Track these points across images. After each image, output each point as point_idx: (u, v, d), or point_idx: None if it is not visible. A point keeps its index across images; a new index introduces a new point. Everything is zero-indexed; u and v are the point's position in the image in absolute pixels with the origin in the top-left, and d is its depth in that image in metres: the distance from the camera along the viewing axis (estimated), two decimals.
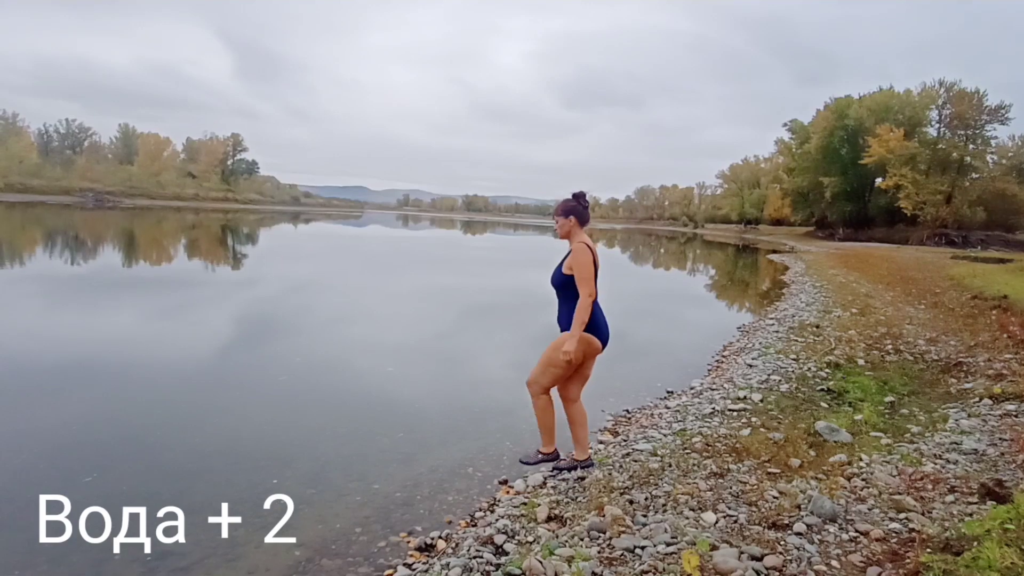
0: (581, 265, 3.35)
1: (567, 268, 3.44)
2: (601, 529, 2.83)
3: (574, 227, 3.54)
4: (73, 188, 65.54)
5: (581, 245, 3.41)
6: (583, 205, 3.55)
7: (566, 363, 3.39)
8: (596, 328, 3.50)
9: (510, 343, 8.37)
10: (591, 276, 3.37)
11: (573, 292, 3.39)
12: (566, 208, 3.54)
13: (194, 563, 2.88)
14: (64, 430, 4.37)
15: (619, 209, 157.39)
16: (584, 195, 3.59)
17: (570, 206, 3.54)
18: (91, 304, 9.86)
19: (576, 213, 3.53)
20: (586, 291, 3.33)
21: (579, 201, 3.55)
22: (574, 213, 3.53)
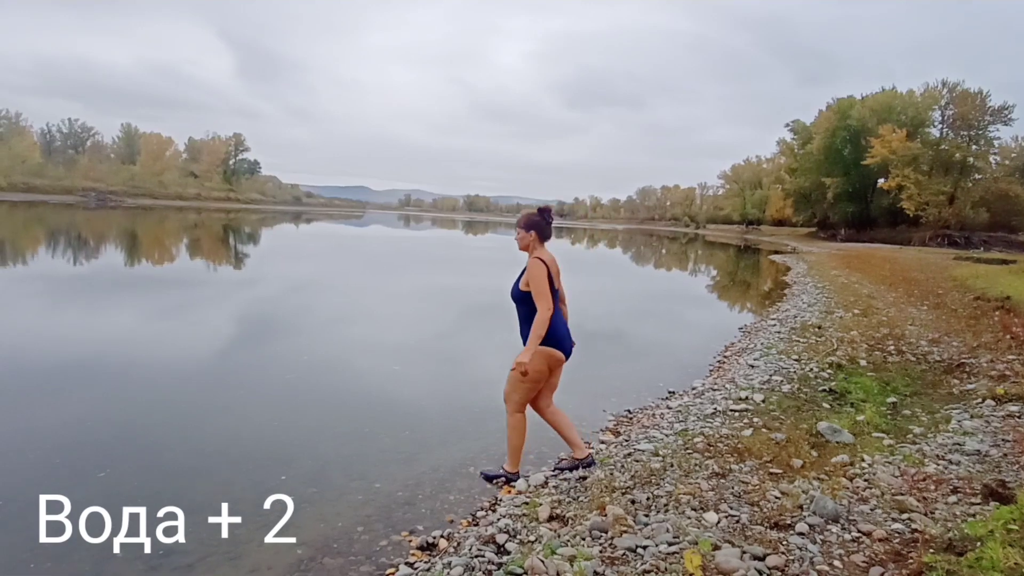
0: (536, 279, 3.38)
1: (524, 284, 3.47)
2: (603, 529, 2.82)
3: (534, 241, 3.57)
4: (76, 188, 65.72)
5: (534, 260, 3.44)
6: (547, 221, 3.59)
7: (522, 375, 3.38)
8: (557, 340, 3.54)
9: (509, 343, 8.36)
10: (547, 290, 3.37)
11: (532, 307, 3.41)
12: (528, 222, 3.57)
13: (196, 562, 2.88)
14: (64, 430, 4.37)
15: (620, 209, 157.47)
16: (550, 211, 3.62)
17: (533, 220, 3.58)
18: (93, 303, 9.88)
19: (538, 228, 3.56)
20: (544, 305, 3.34)
21: (543, 216, 3.59)
22: (535, 228, 3.56)
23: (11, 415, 4.58)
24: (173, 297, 10.91)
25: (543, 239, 3.59)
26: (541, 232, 3.58)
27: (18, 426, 4.35)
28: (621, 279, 20.79)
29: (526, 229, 3.58)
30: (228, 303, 10.51)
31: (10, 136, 70.89)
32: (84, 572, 2.77)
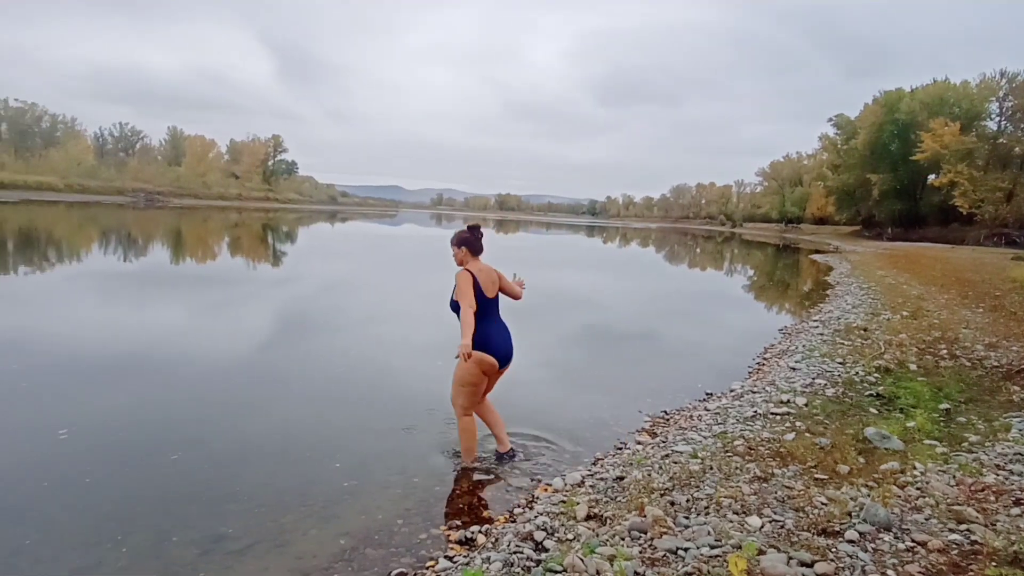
0: (459, 287, 3.75)
1: (456, 294, 3.81)
2: (642, 529, 2.79)
3: (466, 255, 3.95)
4: (126, 188, 68.46)
5: (460, 271, 3.84)
6: (475, 237, 3.94)
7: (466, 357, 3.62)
8: (491, 348, 3.87)
9: (541, 343, 8.35)
10: (469, 292, 3.73)
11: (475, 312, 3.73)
12: (459, 239, 3.94)
13: (246, 547, 2.97)
14: (114, 422, 4.56)
15: (654, 208, 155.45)
16: (479, 228, 4.01)
17: (463, 237, 3.94)
18: (147, 299, 10.27)
19: (468, 244, 3.93)
20: (466, 303, 3.68)
21: (473, 233, 3.95)
22: (466, 244, 3.93)
23: (70, 404, 4.81)
24: (218, 294, 11.26)
25: (474, 253, 3.95)
26: (471, 247, 3.94)
27: (73, 416, 4.56)
28: (654, 278, 20.53)
29: (458, 246, 3.96)
30: (269, 300, 10.79)
31: (66, 140, 74.39)
32: (146, 552, 2.89)
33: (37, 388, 5.13)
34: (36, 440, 4.09)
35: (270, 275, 14.92)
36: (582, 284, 16.49)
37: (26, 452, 3.93)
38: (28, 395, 4.96)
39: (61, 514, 3.20)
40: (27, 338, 6.80)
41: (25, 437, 4.16)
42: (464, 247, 3.95)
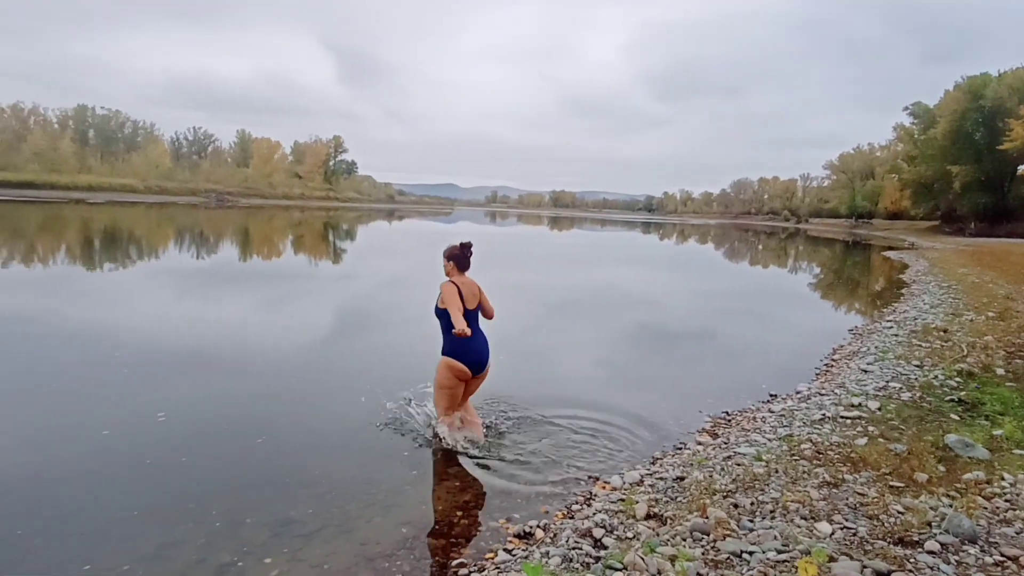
0: (445, 295, 4.07)
1: (440, 303, 4.10)
2: (704, 531, 2.74)
3: (452, 269, 4.27)
4: (199, 189, 72.58)
5: (447, 283, 4.15)
6: (464, 254, 4.27)
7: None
8: (465, 357, 4.12)
9: (597, 340, 8.29)
10: (457, 302, 4.03)
11: (448, 322, 3.98)
12: (450, 254, 4.28)
13: (313, 532, 3.11)
14: (203, 407, 4.86)
15: (713, 203, 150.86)
16: (470, 245, 4.32)
17: (453, 253, 4.27)
18: (227, 294, 10.86)
19: (456, 259, 4.26)
20: (454, 308, 3.95)
21: (463, 251, 4.27)
22: (454, 259, 4.27)
23: (168, 390, 5.16)
24: (288, 289, 11.76)
25: (460, 268, 4.28)
26: (458, 262, 4.27)
27: (175, 399, 4.89)
28: (712, 276, 19.97)
29: (447, 259, 4.30)
30: (334, 295, 11.19)
31: (146, 145, 79.51)
32: (222, 533, 3.07)
33: (137, 374, 5.62)
34: (140, 421, 4.47)
35: (333, 271, 15.45)
36: (638, 282, 16.25)
37: (132, 431, 4.30)
38: (130, 380, 5.45)
39: (155, 490, 3.45)
40: (124, 328, 7.38)
41: (131, 418, 4.53)
42: (452, 262, 4.28)
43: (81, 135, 73.99)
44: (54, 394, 5.00)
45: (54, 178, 59.17)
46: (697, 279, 18.42)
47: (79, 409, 4.72)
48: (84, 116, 76.07)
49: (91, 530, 3.05)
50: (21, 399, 4.88)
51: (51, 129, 69.67)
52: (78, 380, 5.41)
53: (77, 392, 5.11)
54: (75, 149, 69.09)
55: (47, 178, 58.46)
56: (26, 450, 3.95)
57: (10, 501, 3.28)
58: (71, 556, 2.82)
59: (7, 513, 3.16)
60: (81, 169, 66.42)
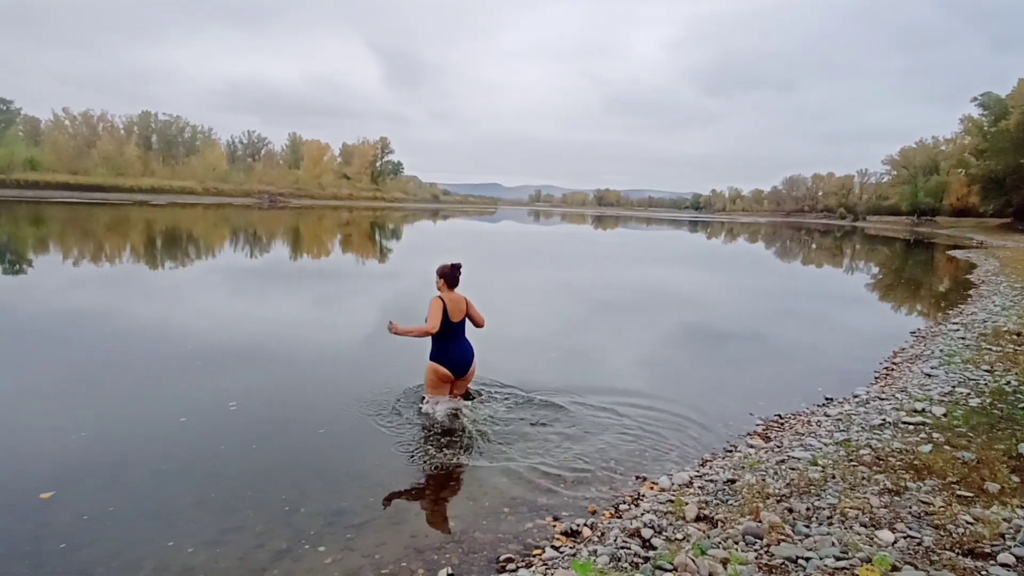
0: (431, 311, 4.61)
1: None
2: (757, 535, 2.68)
3: (443, 285, 4.79)
4: (253, 191, 75.38)
5: (434, 299, 4.67)
6: (454, 274, 4.79)
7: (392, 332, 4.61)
8: (442, 359, 4.72)
9: (644, 340, 8.18)
10: (436, 317, 4.59)
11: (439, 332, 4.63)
12: (441, 272, 4.79)
13: (364, 523, 3.20)
14: (272, 398, 5.06)
15: (764, 201, 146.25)
16: (459, 266, 4.81)
17: (444, 271, 4.78)
18: (286, 290, 11.26)
19: (446, 277, 4.78)
20: (430, 324, 4.59)
21: (453, 270, 4.78)
22: (444, 276, 4.79)
23: (237, 381, 5.41)
24: (341, 286, 12.10)
25: (450, 285, 4.80)
26: (448, 280, 4.79)
27: (244, 389, 5.12)
28: (763, 276, 19.38)
29: (439, 277, 4.81)
30: (382, 292, 11.43)
31: (204, 148, 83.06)
32: (277, 520, 3.19)
33: (209, 365, 5.95)
34: (214, 409, 4.74)
35: (382, 270, 15.78)
36: (684, 281, 15.94)
37: (207, 419, 4.55)
38: (203, 371, 5.78)
39: (219, 477, 3.62)
40: (193, 323, 7.80)
41: (205, 407, 4.80)
42: (443, 279, 4.81)
43: (145, 140, 77.90)
44: (137, 384, 5.35)
45: (120, 181, 62.67)
46: (746, 279, 17.92)
47: (160, 398, 5.02)
48: (148, 122, 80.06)
49: (161, 513, 3.23)
50: (106, 388, 5.22)
51: (118, 135, 73.62)
52: (157, 371, 5.73)
53: (158, 382, 5.42)
54: (139, 153, 72.85)
55: (114, 181, 61.97)
56: (110, 436, 4.22)
57: (91, 484, 3.51)
58: (140, 538, 2.99)
59: (85, 495, 3.38)
60: (145, 172, 70.03)
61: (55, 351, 6.29)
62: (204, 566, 2.79)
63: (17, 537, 2.97)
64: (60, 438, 4.10)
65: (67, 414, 4.58)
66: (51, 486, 3.44)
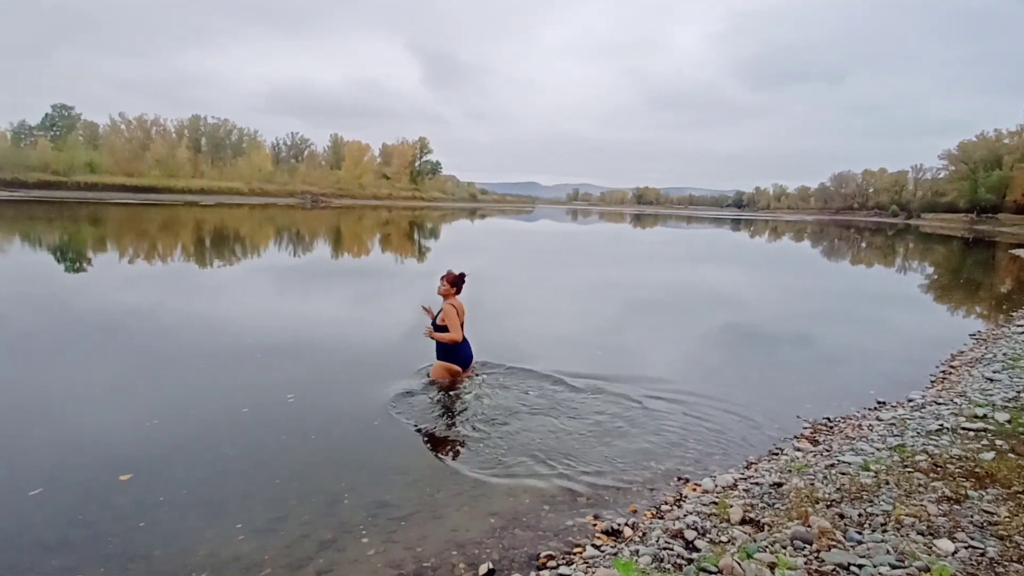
0: (450, 317, 5.25)
1: (441, 320, 5.30)
2: (807, 540, 2.60)
3: (450, 291, 5.41)
4: (296, 191, 77.45)
5: (449, 305, 5.32)
6: (461, 281, 5.48)
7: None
8: (460, 361, 5.37)
9: (686, 340, 8.03)
10: (457, 321, 5.28)
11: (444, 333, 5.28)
12: (451, 281, 5.43)
13: (406, 516, 3.25)
14: (328, 390, 5.19)
15: (810, 198, 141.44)
16: (464, 275, 5.50)
17: (454, 279, 5.45)
18: (335, 288, 11.55)
19: (456, 284, 5.45)
20: (454, 331, 5.26)
21: (460, 278, 5.48)
22: (454, 284, 5.44)
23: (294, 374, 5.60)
24: (381, 284, 12.31)
25: (457, 292, 5.46)
26: (457, 287, 5.46)
27: (301, 382, 5.29)
28: (809, 276, 18.78)
29: (449, 284, 5.42)
30: (420, 289, 11.57)
31: (250, 150, 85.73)
32: (322, 511, 3.27)
33: (267, 360, 6.19)
34: (273, 402, 4.93)
35: (422, 269, 15.97)
36: (727, 280, 15.59)
37: (266, 411, 4.74)
38: (263, 365, 6.01)
39: (270, 467, 3.74)
40: (250, 318, 8.12)
41: (265, 399, 4.99)
42: (453, 287, 5.42)
43: (195, 143, 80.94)
44: (203, 376, 5.61)
45: (172, 182, 65.39)
46: (792, 278, 17.41)
47: (225, 389, 5.27)
48: (197, 125, 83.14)
49: (215, 500, 3.35)
50: (175, 380, 5.47)
51: (170, 138, 76.77)
52: (222, 364, 6.00)
53: (222, 375, 5.68)
54: (190, 156, 75.82)
55: (166, 183, 64.71)
56: (180, 424, 4.42)
57: (161, 468, 3.68)
58: (195, 523, 3.12)
59: (155, 479, 3.54)
60: (194, 174, 72.87)
61: (130, 344, 6.63)
62: (252, 554, 2.88)
63: (100, 516, 3.15)
64: (136, 425, 4.35)
65: (142, 403, 4.83)
66: (130, 469, 3.65)
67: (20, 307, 8.50)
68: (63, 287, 10.51)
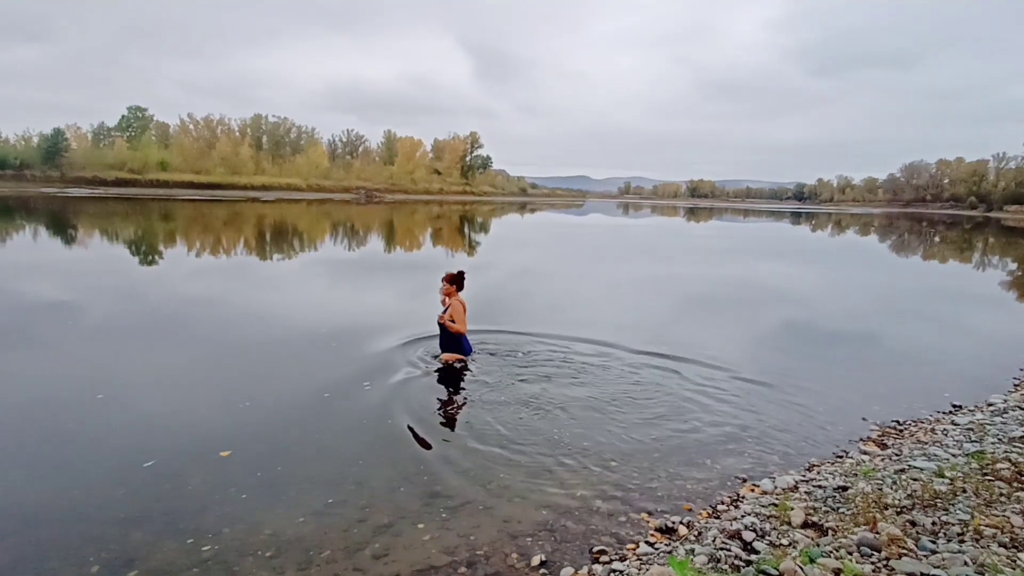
0: (458, 313, 5.77)
1: (447, 318, 5.75)
2: (874, 547, 2.49)
3: (452, 290, 5.85)
4: (351, 186, 79.55)
5: (456, 302, 5.81)
6: (461, 279, 5.92)
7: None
8: (458, 348, 5.87)
9: (744, 337, 7.78)
10: (462, 317, 5.81)
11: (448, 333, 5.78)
12: (451, 279, 5.87)
13: (460, 505, 3.30)
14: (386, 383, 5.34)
15: (878, 190, 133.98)
16: (464, 273, 5.96)
17: (453, 277, 5.88)
18: (395, 280, 11.85)
19: (456, 282, 5.89)
20: (462, 326, 5.80)
21: (460, 276, 5.91)
22: (455, 282, 5.88)
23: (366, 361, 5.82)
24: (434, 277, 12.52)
25: (459, 289, 5.90)
26: (459, 285, 5.90)
27: (373, 369, 5.49)
28: (877, 272, 17.83)
29: (450, 283, 5.86)
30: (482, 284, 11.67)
31: (308, 147, 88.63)
32: (381, 493, 3.37)
33: (342, 348, 6.42)
34: (351, 389, 5.12)
35: (476, 262, 16.12)
36: (787, 276, 15.02)
37: (344, 397, 4.93)
38: (339, 353, 6.23)
39: (332, 453, 3.89)
40: (322, 308, 8.47)
41: (345, 386, 5.18)
42: (454, 284, 5.85)
43: (256, 141, 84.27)
44: (287, 361, 5.95)
45: (235, 179, 68.45)
46: (858, 274, 16.59)
47: (307, 374, 5.51)
48: (259, 124, 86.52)
49: (279, 484, 3.50)
50: (263, 365, 5.82)
51: (233, 137, 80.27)
52: (300, 352, 6.28)
53: (304, 361, 5.96)
54: (252, 153, 79.07)
55: (230, 179, 67.77)
56: (268, 407, 4.69)
57: (253, 447, 3.89)
58: (262, 504, 3.26)
59: (242, 460, 3.73)
60: (256, 171, 75.99)
61: (219, 332, 7.09)
62: (312, 535, 3.00)
63: (196, 489, 3.37)
64: (232, 406, 4.65)
65: (235, 386, 5.14)
66: (229, 446, 3.92)
67: (122, 299, 9.09)
68: (156, 279, 11.20)
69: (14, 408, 4.52)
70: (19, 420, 4.30)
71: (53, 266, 12.11)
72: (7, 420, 4.29)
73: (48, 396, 4.78)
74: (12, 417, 4.35)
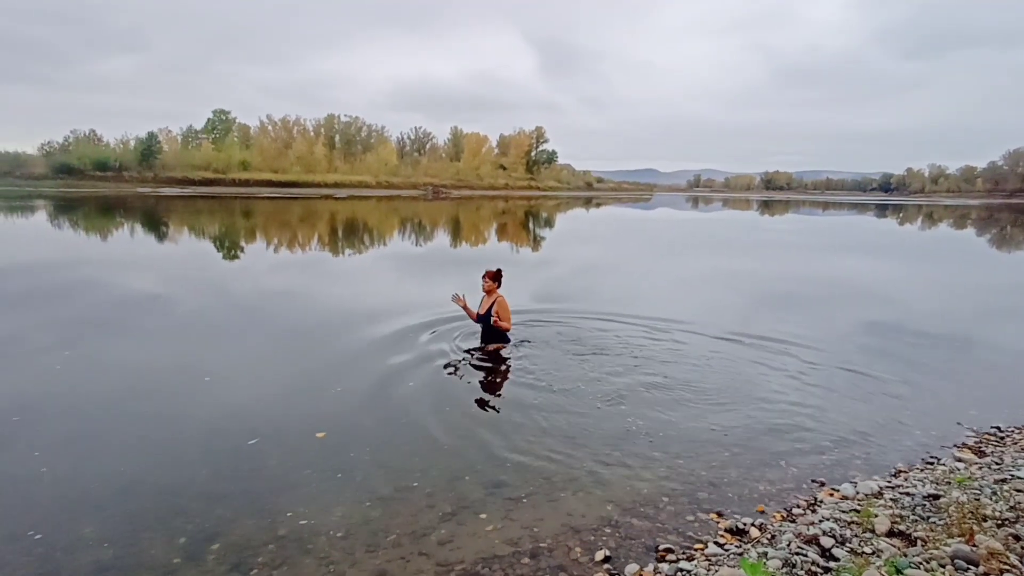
0: (505, 309, 6.13)
1: (495, 314, 6.00)
2: (971, 560, 2.29)
3: (492, 287, 6.17)
4: (419, 183, 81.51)
5: (502, 298, 6.13)
6: (499, 276, 6.21)
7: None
8: (502, 339, 6.13)
9: (826, 335, 7.36)
10: (509, 314, 6.17)
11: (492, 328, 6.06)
12: (492, 276, 6.17)
13: (523, 496, 3.32)
14: (463, 369, 5.47)
15: (976, 180, 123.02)
16: (501, 271, 6.24)
17: (494, 275, 6.18)
18: (465, 273, 12.10)
19: (497, 279, 6.19)
20: (509, 322, 6.17)
21: (498, 274, 6.20)
22: (496, 280, 6.19)
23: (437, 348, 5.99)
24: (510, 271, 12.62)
25: (499, 286, 6.22)
26: (499, 282, 6.21)
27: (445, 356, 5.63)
28: (977, 268, 16.40)
29: (492, 280, 6.17)
30: (533, 281, 11.69)
31: (377, 145, 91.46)
32: (443, 488, 3.44)
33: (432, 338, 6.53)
34: (434, 376, 5.31)
35: (541, 257, 16.15)
36: (874, 273, 14.09)
37: (428, 386, 5.09)
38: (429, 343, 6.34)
39: (396, 441, 4.01)
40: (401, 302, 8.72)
41: (429, 375, 5.35)
42: (495, 282, 6.17)
43: (329, 140, 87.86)
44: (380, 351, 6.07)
45: (310, 177, 71.74)
46: (953, 270, 15.34)
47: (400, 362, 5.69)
48: (332, 124, 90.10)
49: (348, 467, 3.64)
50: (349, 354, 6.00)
51: (308, 137, 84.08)
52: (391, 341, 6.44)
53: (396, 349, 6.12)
54: (325, 152, 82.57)
55: (305, 177, 71.09)
56: (358, 392, 4.91)
57: (345, 430, 4.08)
58: (333, 486, 3.40)
59: (336, 441, 3.92)
60: (329, 169, 79.32)
61: (303, 321, 7.46)
62: (380, 519, 3.10)
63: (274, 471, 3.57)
64: (325, 390, 4.94)
65: (328, 372, 5.43)
66: (324, 428, 4.15)
67: (215, 292, 9.76)
68: (243, 272, 11.96)
69: (116, 392, 4.93)
70: (126, 402, 4.69)
71: (150, 262, 13.13)
72: (117, 402, 4.68)
73: (157, 380, 5.19)
74: (115, 400, 4.74)
